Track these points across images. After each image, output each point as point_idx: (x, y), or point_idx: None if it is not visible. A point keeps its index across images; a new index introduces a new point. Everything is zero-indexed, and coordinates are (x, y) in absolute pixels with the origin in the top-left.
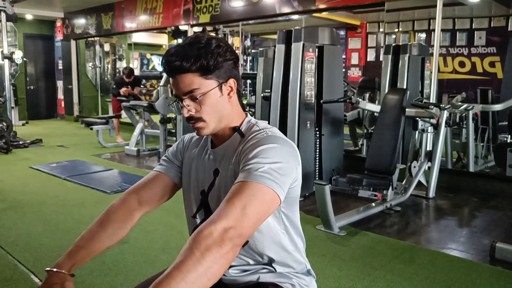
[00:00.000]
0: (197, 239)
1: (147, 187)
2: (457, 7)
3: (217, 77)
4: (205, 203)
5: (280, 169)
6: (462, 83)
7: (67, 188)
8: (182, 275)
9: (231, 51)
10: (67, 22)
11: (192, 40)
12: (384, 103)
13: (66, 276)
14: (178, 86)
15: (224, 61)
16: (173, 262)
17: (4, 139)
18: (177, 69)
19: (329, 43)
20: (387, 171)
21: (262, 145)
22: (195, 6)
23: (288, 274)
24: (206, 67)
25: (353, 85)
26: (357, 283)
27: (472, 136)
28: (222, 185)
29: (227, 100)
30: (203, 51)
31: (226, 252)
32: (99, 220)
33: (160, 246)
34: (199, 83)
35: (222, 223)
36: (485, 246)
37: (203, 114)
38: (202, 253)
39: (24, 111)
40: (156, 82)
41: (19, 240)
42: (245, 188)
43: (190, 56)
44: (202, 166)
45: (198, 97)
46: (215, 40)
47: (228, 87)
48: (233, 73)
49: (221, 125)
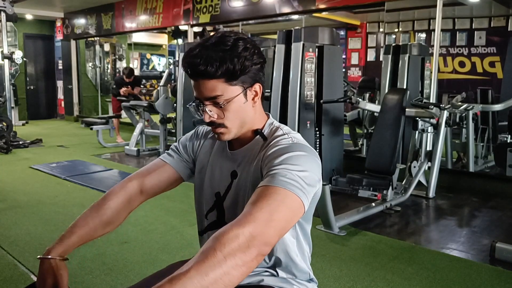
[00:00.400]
0: (222, 240)
1: (151, 176)
2: (457, 7)
3: (243, 82)
4: (219, 205)
5: (306, 178)
6: (462, 83)
7: (67, 188)
8: (199, 277)
9: (258, 53)
10: (67, 22)
11: (217, 40)
12: (384, 103)
13: (58, 262)
14: (200, 90)
15: (251, 66)
16: (193, 259)
17: (4, 139)
18: (200, 73)
19: (329, 43)
20: (387, 171)
21: (289, 152)
22: (195, 6)
23: (290, 280)
24: (231, 72)
25: (353, 85)
26: (357, 283)
27: (472, 136)
28: (241, 188)
29: (251, 105)
30: (229, 54)
31: (250, 260)
32: (96, 206)
33: (160, 246)
34: (223, 89)
35: (250, 228)
36: (485, 246)
37: (225, 120)
38: (224, 257)
39: (24, 111)
40: (156, 82)
41: (19, 240)
42: (272, 192)
43: (214, 60)
44: (219, 166)
45: (221, 102)
46: (242, 41)
47: (253, 92)
48: (259, 77)
49: (243, 130)
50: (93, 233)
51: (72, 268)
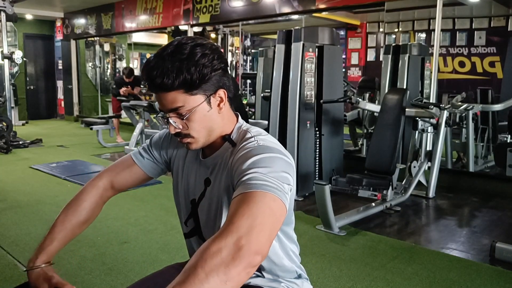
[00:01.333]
0: (204, 255)
1: (121, 174)
2: (457, 7)
3: (204, 90)
4: (195, 213)
5: (280, 178)
6: (462, 83)
7: (67, 188)
8: None
9: (218, 58)
10: (67, 22)
11: (174, 49)
12: (384, 103)
13: (46, 268)
14: (162, 102)
15: (211, 72)
16: (175, 279)
17: (4, 139)
18: (158, 86)
19: (329, 43)
20: (387, 171)
21: (255, 156)
22: (195, 6)
23: (277, 279)
24: (190, 82)
25: (353, 85)
26: (357, 283)
27: (472, 136)
28: (214, 196)
29: (217, 112)
30: (186, 63)
31: (237, 274)
32: (71, 207)
33: (160, 246)
34: (183, 100)
35: (233, 238)
36: (485, 246)
37: (191, 131)
38: (206, 275)
39: (24, 111)
40: None
41: (19, 240)
42: (250, 197)
43: (171, 71)
44: (194, 173)
45: (184, 115)
46: (199, 48)
47: (217, 98)
48: (222, 82)
49: (211, 138)
50: (72, 235)
51: (72, 268)
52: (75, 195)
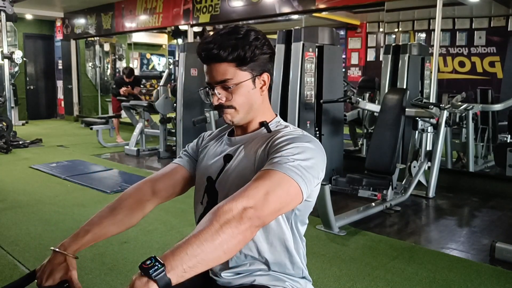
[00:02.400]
0: (217, 212)
1: (163, 178)
2: (457, 7)
3: (252, 69)
4: (210, 189)
5: (309, 168)
6: (462, 83)
7: (67, 188)
8: (199, 243)
9: (268, 45)
10: (67, 22)
11: (231, 30)
12: (384, 103)
13: (70, 259)
14: (212, 74)
15: (260, 54)
16: (192, 232)
17: (4, 139)
18: (213, 57)
19: (329, 43)
20: (387, 171)
21: (297, 142)
22: (195, 6)
23: (282, 277)
24: (242, 58)
25: (353, 85)
26: (357, 283)
27: (472, 136)
28: (234, 171)
29: (259, 94)
30: (241, 41)
31: (245, 230)
32: (110, 206)
33: (160, 246)
34: (233, 73)
35: (242, 202)
36: (485, 246)
37: (233, 103)
38: (221, 226)
39: (24, 111)
40: (156, 82)
41: (19, 240)
42: (271, 175)
43: (227, 46)
44: (213, 153)
45: (230, 87)
46: (254, 32)
47: (261, 81)
48: (268, 67)
49: (249, 116)
50: (106, 232)
51: None
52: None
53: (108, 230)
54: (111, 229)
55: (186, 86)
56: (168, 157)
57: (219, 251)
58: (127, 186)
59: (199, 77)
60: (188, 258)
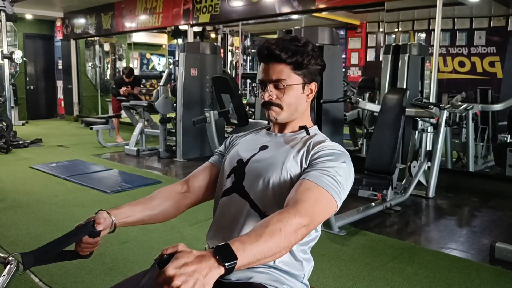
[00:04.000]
0: (279, 216)
1: (196, 175)
2: (457, 7)
3: (304, 75)
4: (238, 170)
5: (344, 188)
6: (462, 83)
7: (67, 188)
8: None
9: (321, 59)
10: (67, 22)
11: (293, 37)
12: (384, 103)
13: (111, 222)
14: (268, 72)
15: (314, 64)
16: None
17: (4, 139)
18: (274, 57)
19: (329, 42)
20: (387, 171)
21: (337, 161)
22: (194, 6)
23: (281, 278)
24: (299, 63)
25: (353, 85)
26: (357, 283)
27: (472, 136)
28: (266, 160)
29: (305, 100)
30: (301, 49)
31: (295, 242)
32: (147, 196)
33: (160, 246)
34: (288, 74)
35: (297, 219)
36: (485, 246)
37: (282, 101)
38: (284, 237)
39: (24, 111)
40: (156, 82)
41: (19, 240)
42: (318, 191)
43: (288, 49)
44: (248, 142)
45: (283, 85)
46: (311, 44)
47: (309, 89)
48: (317, 78)
49: (292, 117)
50: (144, 212)
51: (72, 268)
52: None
53: (144, 210)
54: (147, 211)
55: (186, 86)
56: (168, 157)
57: (273, 257)
58: (127, 186)
59: (199, 77)
60: (252, 259)
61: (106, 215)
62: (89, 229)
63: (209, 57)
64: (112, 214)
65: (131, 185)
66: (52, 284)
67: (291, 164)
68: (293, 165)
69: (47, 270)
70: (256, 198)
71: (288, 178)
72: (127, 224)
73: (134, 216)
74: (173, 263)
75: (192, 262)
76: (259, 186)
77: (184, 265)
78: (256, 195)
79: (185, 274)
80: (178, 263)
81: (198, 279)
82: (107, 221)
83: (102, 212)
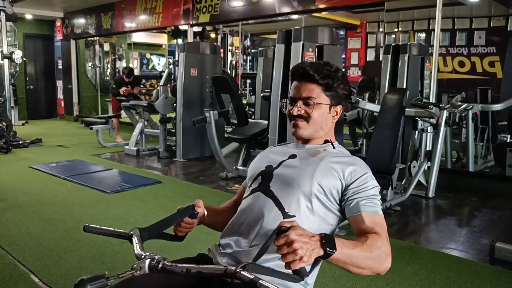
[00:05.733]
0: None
1: (238, 197)
2: (457, 7)
3: (332, 98)
4: (266, 174)
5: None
6: (462, 83)
7: (67, 188)
8: (359, 254)
9: (349, 85)
10: (66, 22)
11: (326, 62)
12: (384, 103)
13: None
14: (300, 90)
15: (342, 89)
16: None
17: (4, 139)
18: (308, 76)
19: (328, 42)
20: (387, 171)
21: (371, 180)
22: (194, 5)
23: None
24: (329, 85)
25: (352, 85)
26: (357, 283)
27: (471, 136)
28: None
29: (331, 120)
30: (332, 73)
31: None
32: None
33: (160, 246)
34: (318, 94)
35: (386, 247)
36: (485, 246)
37: (309, 118)
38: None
39: (23, 110)
40: (155, 82)
41: (18, 240)
42: (381, 220)
43: (321, 72)
44: (277, 152)
45: (313, 103)
46: (342, 71)
47: (335, 111)
48: (343, 103)
49: (316, 135)
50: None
51: (72, 268)
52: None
53: (220, 222)
54: (222, 221)
55: (186, 86)
56: (168, 157)
57: (357, 269)
58: (127, 186)
59: (199, 77)
60: (343, 259)
61: (202, 204)
62: (190, 210)
63: (209, 57)
64: (205, 208)
65: (131, 185)
66: (52, 284)
67: (322, 176)
68: (323, 178)
69: (47, 270)
70: (282, 199)
71: (319, 188)
72: (206, 223)
73: (215, 219)
74: (295, 231)
75: (307, 235)
76: (286, 189)
77: (301, 235)
78: (282, 197)
79: (302, 241)
80: (298, 232)
81: (309, 249)
82: (203, 208)
83: (200, 200)
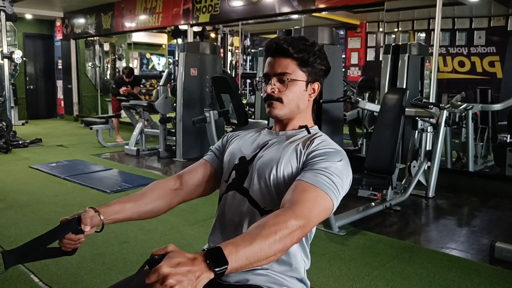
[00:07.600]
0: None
1: (190, 172)
2: (457, 7)
3: (309, 74)
4: (240, 167)
5: (342, 188)
6: (462, 82)
7: (67, 188)
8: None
9: (327, 60)
10: (66, 22)
11: (301, 36)
12: (384, 103)
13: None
14: (274, 66)
15: (319, 64)
16: (254, 233)
17: (4, 139)
18: (282, 51)
19: (328, 42)
20: (387, 171)
21: (333, 160)
22: (194, 5)
23: (280, 279)
24: (305, 60)
25: (352, 85)
26: (356, 283)
27: (471, 135)
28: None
29: (307, 98)
30: (308, 47)
31: (290, 244)
32: (138, 192)
33: (160, 245)
34: (293, 69)
35: (293, 221)
36: (485, 246)
37: (283, 95)
38: (277, 239)
39: (23, 110)
40: (155, 81)
41: (19, 240)
42: (314, 192)
43: (296, 46)
44: (250, 140)
45: (287, 79)
46: (318, 45)
47: (312, 88)
48: (320, 80)
49: (292, 114)
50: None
51: (72, 268)
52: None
53: (135, 206)
54: (139, 207)
55: (186, 85)
56: (168, 157)
57: (267, 260)
58: (127, 185)
59: (199, 77)
60: (244, 262)
61: (93, 214)
62: (73, 226)
63: (209, 57)
64: (101, 212)
65: (131, 185)
66: (52, 284)
67: (286, 162)
68: (288, 163)
69: (47, 270)
70: (255, 195)
71: (283, 175)
72: (116, 221)
73: (124, 213)
74: (167, 261)
75: (186, 262)
76: (258, 184)
77: (178, 265)
78: (255, 193)
79: (179, 273)
80: (173, 262)
81: (192, 280)
82: (94, 219)
83: (89, 210)
